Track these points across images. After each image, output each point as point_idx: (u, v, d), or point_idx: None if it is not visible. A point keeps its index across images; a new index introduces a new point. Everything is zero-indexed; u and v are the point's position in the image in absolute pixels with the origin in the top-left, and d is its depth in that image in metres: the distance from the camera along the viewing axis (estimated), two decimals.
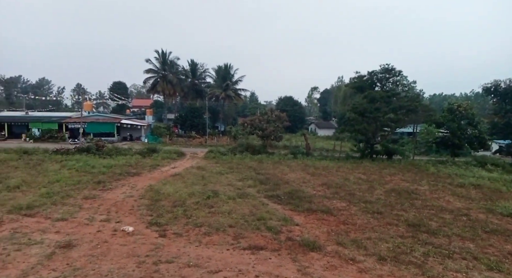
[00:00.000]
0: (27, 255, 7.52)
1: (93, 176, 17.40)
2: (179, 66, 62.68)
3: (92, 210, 11.43)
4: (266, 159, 26.77)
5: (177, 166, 22.51)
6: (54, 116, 45.86)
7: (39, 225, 9.69)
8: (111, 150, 27.01)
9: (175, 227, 9.81)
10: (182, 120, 53.19)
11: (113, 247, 8.17)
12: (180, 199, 13.09)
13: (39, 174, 17.38)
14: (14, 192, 13.57)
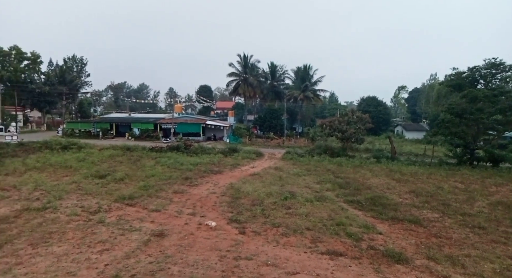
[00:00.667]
0: (129, 240, 8.60)
1: (181, 172, 19.03)
2: (259, 68, 64.59)
3: (180, 204, 12.50)
4: (346, 162, 25.74)
5: (256, 166, 23.17)
6: (150, 118, 51.74)
7: (138, 214, 10.99)
8: (197, 149, 29.19)
9: (254, 226, 10.10)
10: (261, 121, 54.65)
11: (198, 239, 8.80)
12: (258, 198, 13.44)
13: (138, 169, 19.72)
14: (119, 183, 15.66)
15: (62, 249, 7.88)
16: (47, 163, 20.52)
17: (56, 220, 10.06)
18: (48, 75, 62.52)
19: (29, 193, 13.42)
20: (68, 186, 14.75)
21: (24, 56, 57.30)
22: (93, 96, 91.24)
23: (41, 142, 28.78)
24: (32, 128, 56.01)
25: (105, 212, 11.11)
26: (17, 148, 26.59)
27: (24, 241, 8.35)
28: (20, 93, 53.71)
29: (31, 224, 9.62)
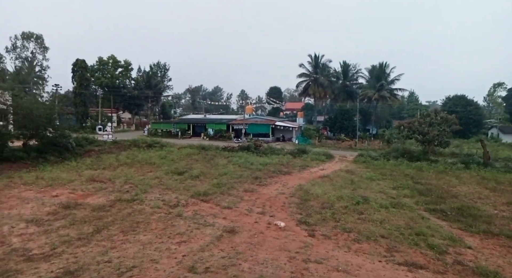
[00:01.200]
0: (203, 234, 9.14)
1: (251, 172, 19.54)
2: (331, 68, 62.94)
3: (250, 202, 12.85)
4: (427, 167, 23.52)
5: (326, 168, 22.61)
6: (223, 119, 54.36)
7: (211, 210, 11.62)
8: (267, 149, 29.69)
9: (324, 229, 9.86)
10: (331, 122, 53.14)
11: (268, 239, 8.93)
12: (328, 201, 13.09)
13: (212, 167, 20.85)
14: (195, 180, 16.76)
15: (147, 238, 8.75)
16: (135, 160, 22.97)
17: (142, 211, 11.19)
18: (137, 81, 70.09)
19: (121, 185, 15.18)
20: (152, 181, 16.29)
21: (119, 64, 65.18)
22: (173, 99, 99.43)
23: (131, 141, 32.35)
24: (124, 128, 63.43)
25: (183, 206, 11.99)
26: (112, 145, 30.32)
27: (117, 228, 9.48)
28: (115, 97, 61.30)
29: (122, 214, 10.87)
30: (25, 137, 22.75)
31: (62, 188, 14.43)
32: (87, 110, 54.21)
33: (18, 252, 7.62)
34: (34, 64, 58.32)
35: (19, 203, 11.87)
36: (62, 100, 45.52)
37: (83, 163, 21.56)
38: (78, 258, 7.35)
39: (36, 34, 57.67)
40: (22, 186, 14.74)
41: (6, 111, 22.64)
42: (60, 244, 8.11)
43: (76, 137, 28.01)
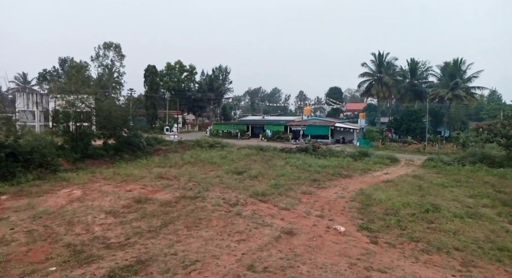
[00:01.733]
0: (262, 233, 9.27)
1: (309, 174, 19.26)
2: (396, 67, 59.16)
3: (308, 205, 12.67)
4: (511, 174, 20.77)
5: (390, 172, 21.29)
6: (281, 120, 54.48)
7: (269, 211, 11.73)
8: (325, 151, 28.98)
9: (388, 236, 9.31)
10: (396, 124, 49.86)
11: (327, 242, 8.72)
12: (392, 207, 12.32)
13: (270, 168, 21.03)
14: (253, 180, 17.07)
15: (208, 234, 9.16)
16: (198, 159, 24.19)
17: (204, 209, 11.75)
18: (200, 84, 73.83)
19: (185, 183, 16.12)
20: (213, 179, 17.00)
21: (184, 68, 69.37)
22: (233, 101, 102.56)
23: (194, 141, 34.16)
24: (188, 129, 67.31)
25: (242, 205, 12.30)
26: (178, 145, 32.36)
27: (182, 223, 10.09)
28: (180, 99, 65.37)
29: (186, 210, 11.54)
30: (105, 137, 25.44)
31: (134, 183, 15.82)
32: (156, 112, 58.68)
33: (99, 240, 8.56)
34: (113, 70, 64.90)
35: (100, 196, 13.32)
36: (136, 103, 50.00)
37: (152, 161, 23.37)
38: (148, 249, 8.00)
39: (114, 44, 64.11)
40: (102, 180, 16.50)
41: (90, 113, 25.56)
42: (133, 235, 8.91)
43: (147, 137, 30.46)
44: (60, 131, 23.87)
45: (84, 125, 24.61)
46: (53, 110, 24.48)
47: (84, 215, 10.62)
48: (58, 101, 23.73)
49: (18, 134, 18.40)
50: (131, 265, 7.05)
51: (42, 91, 55.91)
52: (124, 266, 6.96)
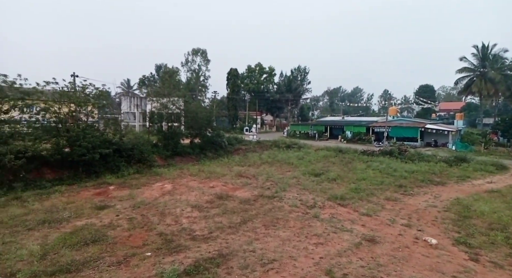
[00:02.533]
0: (341, 239, 8.92)
1: (394, 179, 17.83)
2: (506, 60, 50.78)
3: (393, 212, 11.74)
4: None
5: (495, 181, 18.38)
6: (363, 121, 51.73)
7: (349, 215, 11.22)
8: (413, 155, 26.51)
9: (492, 255, 8.06)
10: (504, 126, 42.82)
11: (415, 255, 7.94)
12: (499, 221, 10.62)
13: (349, 171, 20.12)
14: (332, 183, 16.55)
15: (285, 234, 9.19)
16: (275, 159, 24.51)
17: (281, 209, 11.84)
18: (279, 85, 74.86)
19: (263, 182, 16.48)
20: (290, 180, 17.02)
21: (264, 70, 71.25)
22: (311, 101, 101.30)
23: (272, 141, 34.75)
24: (266, 129, 68.89)
25: (320, 208, 12.02)
26: (256, 145, 33.34)
27: (260, 221, 10.33)
28: (259, 100, 67.29)
29: (264, 209, 11.78)
30: (191, 136, 27.63)
31: (217, 180, 16.79)
32: (237, 113, 61.53)
33: (186, 231, 9.31)
34: (200, 74, 70.22)
35: (187, 190, 14.50)
36: (219, 105, 53.12)
37: (233, 160, 24.51)
38: (228, 243, 8.40)
39: (201, 49, 69.33)
40: (189, 176, 17.93)
41: (179, 115, 28.07)
42: (215, 229, 9.46)
43: (228, 137, 32.10)
44: (155, 130, 26.73)
45: (175, 125, 27.13)
46: (149, 112, 27.62)
47: (173, 208, 11.68)
48: (153, 103, 26.67)
49: (122, 133, 21.20)
50: (214, 257, 7.49)
51: (141, 95, 63.53)
52: (208, 258, 7.43)
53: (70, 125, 18.11)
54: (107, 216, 10.68)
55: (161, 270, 6.77)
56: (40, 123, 17.66)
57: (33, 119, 17.53)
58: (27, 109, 17.21)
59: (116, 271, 6.84)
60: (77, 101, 18.49)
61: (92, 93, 20.00)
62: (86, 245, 8.11)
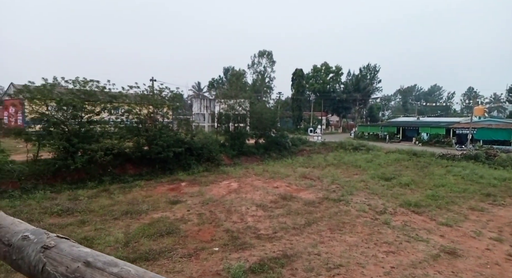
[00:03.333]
0: (415, 249, 8.20)
1: (481, 186, 15.83)
2: None
3: (479, 224, 10.42)
4: None
5: None
6: (442, 122, 46.96)
7: (425, 224, 10.28)
8: (505, 160, 23.19)
9: None
10: None
11: (507, 274, 6.94)
12: None
13: (425, 176, 18.45)
14: (404, 188, 15.36)
15: (352, 240, 8.78)
16: (341, 161, 23.64)
17: (348, 213, 11.36)
18: (346, 84, 72.19)
19: (328, 185, 16.03)
20: (357, 183, 16.25)
21: (330, 69, 69.43)
22: (382, 101, 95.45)
23: (337, 143, 33.62)
24: (332, 130, 66.95)
25: (390, 214, 11.24)
26: (321, 146, 32.59)
27: (325, 224, 10.06)
28: (325, 101, 65.70)
29: (329, 212, 11.44)
30: (256, 136, 28.17)
31: (281, 181, 16.82)
32: (301, 113, 60.97)
33: (251, 230, 9.50)
34: (265, 76, 71.32)
35: (251, 189, 14.80)
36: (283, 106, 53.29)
37: (297, 160, 24.33)
38: (293, 245, 8.33)
39: (267, 51, 70.35)
40: (254, 176, 18.29)
41: (245, 115, 28.86)
42: (280, 230, 9.47)
43: (292, 137, 31.96)
44: (222, 130, 27.89)
45: (241, 125, 27.97)
46: (217, 113, 28.95)
47: (239, 206, 12.02)
48: (221, 105, 27.88)
49: (193, 133, 22.57)
50: (278, 257, 7.50)
51: (210, 97, 66.93)
52: (272, 258, 7.47)
53: (148, 125, 19.88)
54: (179, 210, 11.44)
55: (227, 266, 7.01)
56: (124, 123, 19.70)
57: (118, 120, 19.65)
58: (114, 111, 19.34)
59: (187, 263, 7.28)
60: (155, 103, 20.21)
61: (167, 96, 21.68)
62: (162, 237, 8.79)
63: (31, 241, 0.58)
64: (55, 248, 0.55)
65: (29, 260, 0.55)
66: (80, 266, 0.51)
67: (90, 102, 17.44)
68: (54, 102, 16.27)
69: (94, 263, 0.51)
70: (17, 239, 0.59)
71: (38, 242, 0.57)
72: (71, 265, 0.51)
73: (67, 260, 0.53)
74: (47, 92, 16.23)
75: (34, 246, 0.56)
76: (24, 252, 0.56)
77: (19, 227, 0.64)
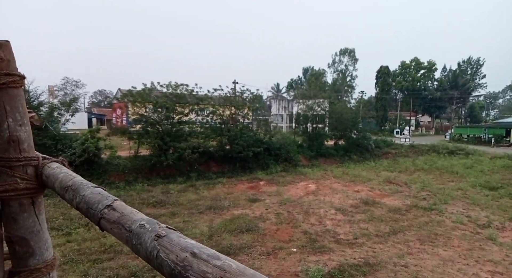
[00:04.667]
0: None
1: None
2: None
3: None
4: None
5: None
6: None
7: None
8: None
9: None
10: None
11: None
12: None
13: None
14: None
15: (447, 254, 7.83)
16: (434, 166, 21.32)
17: (441, 223, 10.18)
18: (440, 81, 64.85)
19: (417, 191, 14.62)
20: (453, 192, 14.46)
21: (421, 65, 63.25)
22: (486, 99, 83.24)
23: (429, 146, 30.40)
24: (422, 132, 60.86)
25: (497, 229, 9.70)
26: (409, 149, 29.89)
27: (413, 235, 9.19)
28: (414, 100, 60.12)
29: (418, 221, 10.41)
30: (335, 138, 27.28)
31: (362, 185, 15.97)
32: (386, 114, 56.87)
33: (330, 233, 9.24)
34: (346, 75, 68.61)
35: (330, 192, 14.39)
36: (365, 105, 50.53)
37: (380, 164, 22.80)
38: (376, 253, 7.82)
39: (349, 49, 67.61)
40: (333, 178, 17.75)
41: (324, 116, 28.20)
42: (361, 236, 8.99)
43: (375, 139, 30.03)
44: (300, 131, 27.73)
45: (319, 126, 27.42)
46: (296, 113, 28.91)
47: (317, 208, 11.79)
48: (300, 105, 27.76)
49: (271, 133, 22.97)
50: (359, 265, 7.13)
51: (288, 98, 67.24)
52: (353, 264, 7.13)
53: (230, 126, 20.92)
54: (258, 208, 11.76)
55: (306, 268, 6.94)
56: (209, 124, 21.11)
57: (204, 120, 21.15)
58: (200, 112, 20.89)
59: (265, 261, 7.43)
60: (236, 105, 21.19)
61: (248, 97, 22.51)
62: (242, 233, 9.15)
63: (146, 229, 0.65)
64: (166, 237, 0.61)
65: (146, 246, 0.62)
66: (188, 256, 0.55)
67: (180, 104, 19.13)
68: (151, 104, 18.34)
69: (200, 255, 0.55)
70: (136, 227, 0.67)
71: (152, 231, 0.64)
72: (180, 254, 0.56)
73: (176, 249, 0.58)
74: (146, 95, 18.37)
75: (149, 234, 0.63)
76: (142, 239, 0.64)
77: (136, 216, 0.72)
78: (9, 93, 0.95)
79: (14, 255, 1.00)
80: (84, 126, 33.81)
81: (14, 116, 0.96)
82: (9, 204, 0.98)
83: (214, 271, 0.52)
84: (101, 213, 0.77)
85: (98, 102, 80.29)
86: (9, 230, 0.99)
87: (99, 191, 0.86)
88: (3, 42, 0.93)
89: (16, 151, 0.97)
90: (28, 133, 1.01)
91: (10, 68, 0.94)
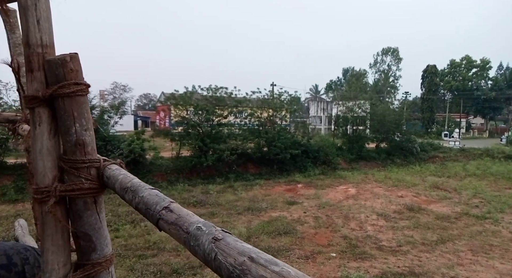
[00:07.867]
0: None
1: None
2: None
3: None
4: None
5: None
6: None
7: None
8: None
9: None
10: None
11: None
12: None
13: None
14: None
15: (504, 267, 7.21)
16: (487, 172, 19.74)
17: (496, 234, 9.40)
18: (495, 80, 59.90)
19: (468, 198, 13.63)
20: (510, 199, 13.27)
21: (473, 64, 58.86)
22: None
23: (482, 149, 28.17)
24: (474, 135, 56.59)
25: None
26: (459, 153, 27.92)
27: (464, 244, 8.57)
28: (465, 100, 56.08)
29: (470, 230, 9.70)
30: (377, 140, 26.25)
31: (406, 190, 15.21)
32: (433, 115, 53.63)
33: (371, 239, 8.90)
34: (389, 75, 65.84)
35: (371, 197, 13.87)
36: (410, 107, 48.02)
37: (426, 168, 21.58)
38: (422, 262, 7.40)
39: (392, 48, 64.83)
40: (374, 182, 17.11)
41: (365, 118, 27.26)
42: (405, 243, 8.56)
43: (421, 142, 28.43)
44: (340, 133, 27.05)
45: (360, 128, 26.56)
46: (335, 115, 28.26)
47: (357, 213, 11.42)
48: (339, 107, 27.10)
49: (309, 135, 22.68)
50: (403, 274, 6.79)
51: (327, 99, 65.90)
52: (396, 273, 6.81)
53: (268, 128, 20.97)
54: (296, 211, 11.65)
55: (346, 274, 6.75)
56: (247, 126, 21.34)
57: (242, 122, 21.42)
58: (239, 114, 21.19)
59: (304, 265, 7.34)
60: (274, 107, 21.21)
61: (286, 99, 22.43)
62: (279, 235, 9.12)
63: (203, 232, 0.68)
64: (223, 240, 0.63)
65: (204, 248, 0.65)
66: (246, 260, 0.56)
67: (220, 107, 19.55)
68: (192, 107, 18.96)
69: (257, 260, 0.56)
70: (193, 229, 0.70)
71: (209, 233, 0.66)
72: (238, 258, 0.58)
73: (234, 252, 0.59)
74: (187, 98, 19.02)
75: (206, 237, 0.66)
76: (199, 240, 0.66)
77: (193, 218, 0.76)
78: (77, 100, 1.04)
79: (79, 249, 1.09)
80: (130, 128, 35.81)
81: (80, 121, 1.05)
82: (75, 202, 1.07)
83: (272, 276, 0.52)
84: (159, 214, 0.82)
85: (143, 105, 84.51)
86: (75, 226, 1.08)
87: (156, 193, 0.91)
88: (72, 55, 1.02)
89: (82, 154, 1.06)
90: (92, 137, 1.09)
91: (78, 78, 1.03)
